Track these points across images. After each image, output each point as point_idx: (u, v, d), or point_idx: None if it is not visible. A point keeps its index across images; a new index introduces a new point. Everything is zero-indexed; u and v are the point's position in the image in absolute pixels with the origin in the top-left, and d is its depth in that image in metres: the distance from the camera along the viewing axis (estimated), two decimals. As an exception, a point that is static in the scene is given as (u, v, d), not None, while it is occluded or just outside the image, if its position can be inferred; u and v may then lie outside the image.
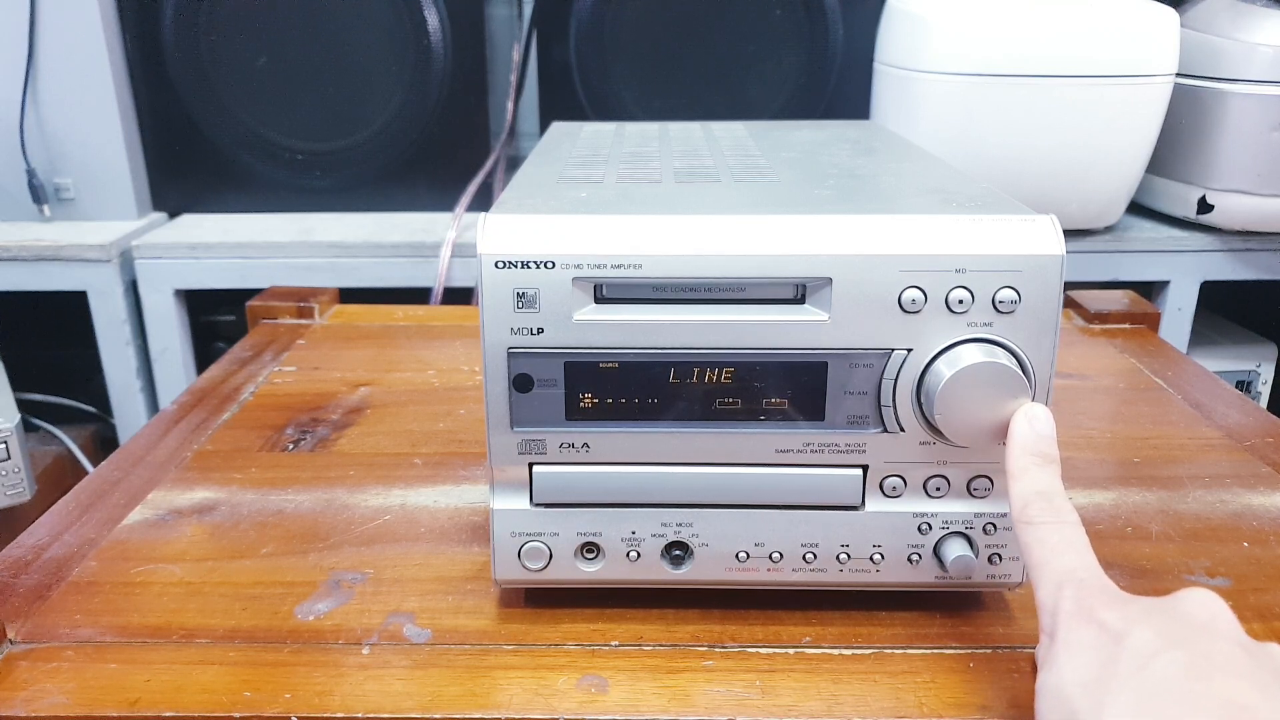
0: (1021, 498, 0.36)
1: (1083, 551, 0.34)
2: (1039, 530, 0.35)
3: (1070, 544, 0.34)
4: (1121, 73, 0.99)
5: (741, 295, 0.39)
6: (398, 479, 0.56)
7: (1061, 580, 0.33)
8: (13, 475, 0.81)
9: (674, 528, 0.42)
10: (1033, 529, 0.35)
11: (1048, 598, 0.33)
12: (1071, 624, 0.32)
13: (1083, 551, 0.34)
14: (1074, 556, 0.34)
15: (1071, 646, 0.31)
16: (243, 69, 1.11)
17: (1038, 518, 0.35)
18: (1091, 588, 0.32)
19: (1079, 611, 0.32)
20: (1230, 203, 1.06)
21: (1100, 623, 0.31)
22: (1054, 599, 0.33)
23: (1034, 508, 0.36)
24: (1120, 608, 0.31)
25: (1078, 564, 0.34)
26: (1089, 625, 0.31)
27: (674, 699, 0.39)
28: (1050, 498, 0.36)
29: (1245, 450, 0.60)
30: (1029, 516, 0.36)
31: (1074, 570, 0.33)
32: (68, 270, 1.05)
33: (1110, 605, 0.31)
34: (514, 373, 0.39)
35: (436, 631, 0.43)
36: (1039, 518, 0.35)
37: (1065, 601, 0.32)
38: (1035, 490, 0.36)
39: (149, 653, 0.41)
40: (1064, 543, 0.34)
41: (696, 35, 1.12)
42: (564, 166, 0.51)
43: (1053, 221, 0.38)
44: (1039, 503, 0.36)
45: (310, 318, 0.81)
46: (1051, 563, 0.34)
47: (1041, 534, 0.35)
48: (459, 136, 1.15)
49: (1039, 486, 0.36)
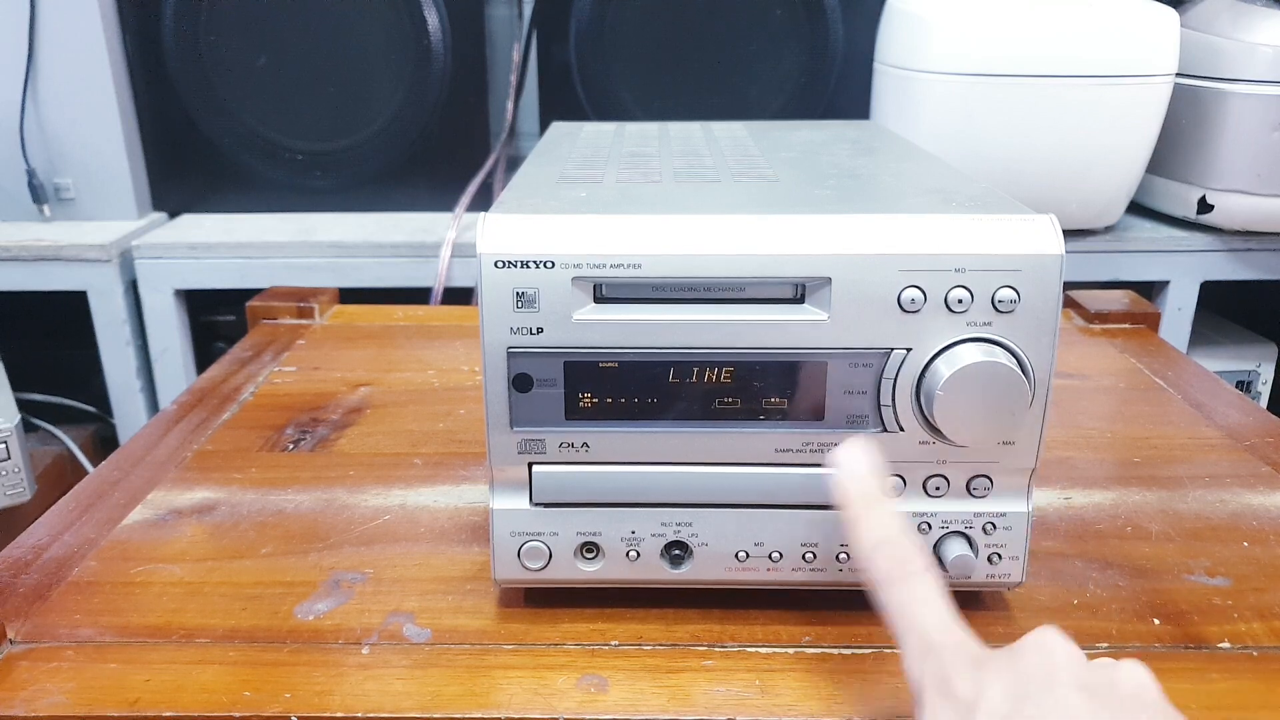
0: (865, 553, 0.36)
1: (936, 607, 0.34)
2: (891, 591, 0.35)
3: (922, 601, 0.34)
4: (1121, 73, 0.99)
5: (741, 295, 0.39)
6: (398, 479, 0.56)
7: (923, 652, 0.33)
8: (13, 475, 0.81)
9: (673, 527, 0.42)
10: (886, 590, 0.35)
11: (913, 670, 0.33)
12: (931, 699, 0.32)
13: (936, 607, 0.34)
14: (929, 616, 0.34)
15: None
16: (243, 69, 1.11)
17: (887, 575, 0.35)
18: (948, 655, 0.33)
19: (937, 685, 0.32)
20: (1230, 203, 1.06)
21: (955, 696, 0.31)
22: (918, 672, 0.33)
23: (879, 562, 0.35)
24: (972, 673, 0.32)
25: (933, 625, 0.34)
26: (945, 699, 0.31)
27: (674, 699, 0.39)
28: (892, 547, 0.35)
29: (1245, 450, 0.60)
30: (878, 575, 0.35)
31: (929, 636, 0.33)
32: (68, 270, 1.05)
33: (963, 674, 0.32)
34: (514, 372, 0.39)
35: (436, 631, 0.43)
36: (889, 575, 0.35)
37: (927, 676, 0.33)
38: (873, 542, 0.36)
39: (149, 653, 0.41)
40: (915, 602, 0.34)
41: (696, 35, 1.12)
42: (564, 166, 0.51)
43: (1052, 221, 0.38)
44: (881, 555, 0.35)
45: (310, 318, 0.81)
46: (911, 629, 0.34)
47: (895, 595, 0.35)
48: (459, 136, 1.15)
49: (877, 535, 0.36)
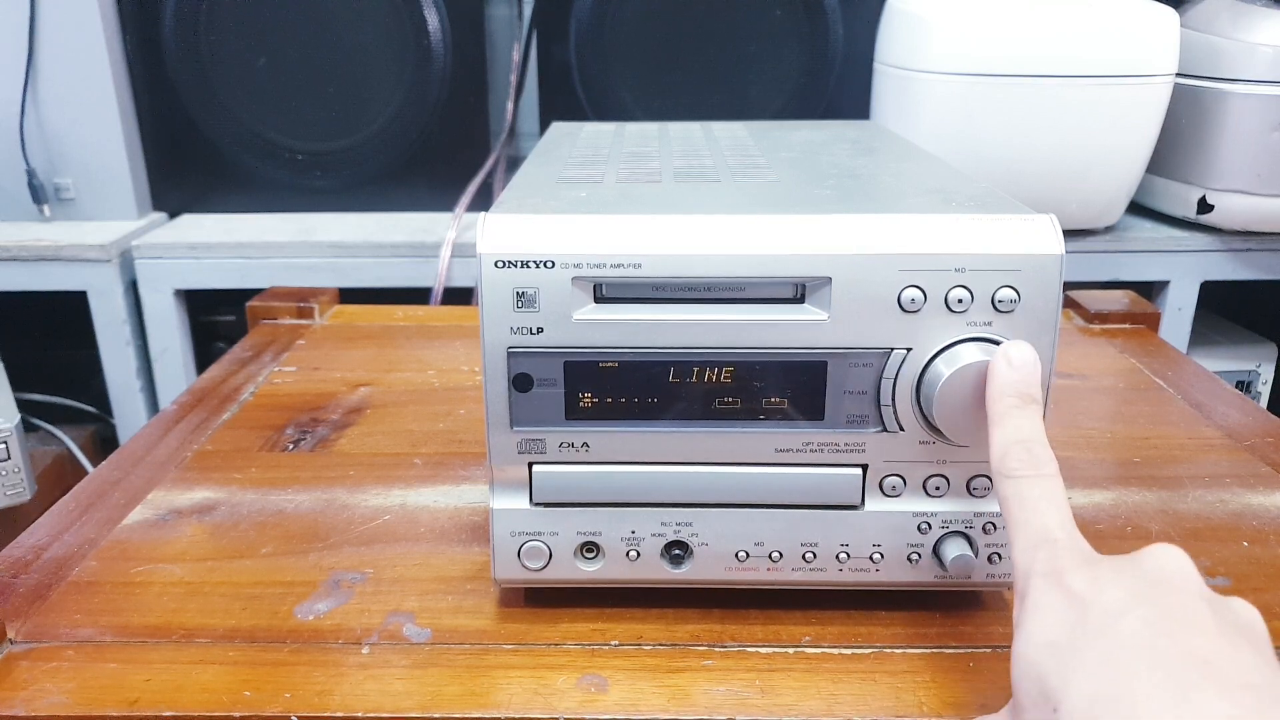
0: (1001, 445, 0.35)
1: (1060, 507, 0.34)
2: (1018, 484, 0.34)
3: (1048, 499, 0.34)
4: (1121, 73, 0.99)
5: (741, 295, 0.39)
6: (398, 479, 0.56)
7: (1037, 542, 0.33)
8: (13, 475, 0.81)
9: (674, 527, 0.42)
10: (1012, 482, 0.34)
11: (1022, 558, 0.33)
12: (1041, 587, 0.31)
13: (1060, 507, 0.34)
14: (1051, 514, 0.33)
15: (1039, 609, 0.31)
16: (243, 69, 1.11)
17: (1017, 470, 0.34)
18: (1063, 549, 0.32)
19: (1049, 574, 0.31)
20: (1230, 203, 1.06)
21: (1068, 588, 0.31)
22: (1028, 561, 0.32)
23: (1013, 458, 0.35)
24: (1088, 570, 0.31)
25: (1053, 523, 0.33)
26: (1057, 589, 0.31)
27: (674, 698, 0.39)
28: (1030, 446, 0.35)
29: (1245, 450, 0.60)
30: (1008, 468, 0.35)
31: (1049, 530, 0.33)
32: (68, 270, 1.05)
33: (1079, 568, 0.31)
34: (514, 372, 0.39)
35: (436, 631, 0.43)
36: (1018, 470, 0.34)
37: (1038, 564, 0.32)
38: (1015, 438, 0.35)
39: (149, 653, 0.41)
40: (1042, 498, 0.34)
41: (696, 35, 1.12)
42: (564, 166, 0.51)
43: (1052, 221, 0.38)
44: (1018, 452, 0.35)
45: (310, 318, 0.81)
46: (1030, 521, 0.33)
47: (1020, 488, 0.34)
48: (459, 136, 1.15)
49: (1019, 434, 0.35)
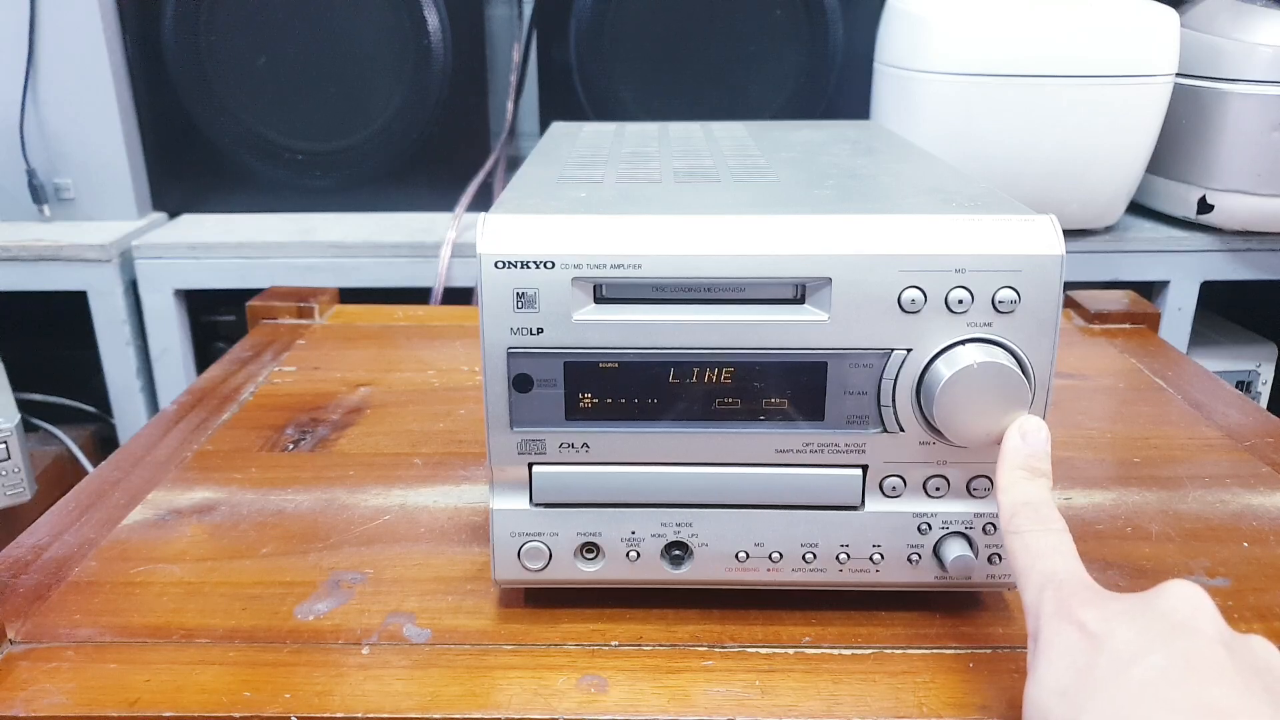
0: (1009, 508, 0.36)
1: (1067, 556, 0.34)
2: (1025, 537, 0.35)
3: (1055, 549, 0.34)
4: (1121, 73, 0.99)
5: (741, 295, 0.39)
6: (398, 479, 0.56)
7: (1043, 583, 0.33)
8: (13, 475, 0.81)
9: (674, 528, 0.42)
10: (1019, 537, 0.35)
11: (1032, 600, 0.33)
12: (1052, 625, 0.31)
13: (1067, 556, 0.34)
14: (1058, 560, 0.34)
15: (1051, 650, 0.31)
16: (243, 69, 1.11)
17: (1024, 526, 0.35)
18: (1072, 587, 0.32)
19: (1059, 612, 0.31)
20: (1230, 203, 1.06)
21: (1079, 623, 0.30)
22: (1037, 602, 0.33)
23: (1021, 517, 0.36)
24: (1100, 607, 0.31)
25: (1060, 566, 0.34)
26: (1068, 625, 0.31)
27: (674, 699, 0.39)
28: (1037, 508, 0.36)
29: (1245, 450, 0.60)
30: (1016, 526, 0.35)
31: (1056, 572, 0.33)
32: (68, 270, 1.05)
33: (1089, 604, 0.31)
34: (514, 373, 0.39)
35: (436, 631, 0.43)
36: (1025, 526, 0.35)
37: (1046, 604, 0.32)
38: (1023, 501, 0.36)
39: (149, 653, 0.41)
40: (1049, 548, 0.34)
41: (696, 35, 1.12)
42: (564, 166, 0.51)
43: (1052, 221, 0.38)
44: (1026, 512, 0.36)
45: (310, 318, 0.81)
46: (1036, 566, 0.34)
47: (1027, 540, 0.35)
48: (459, 136, 1.15)
49: (1026, 498, 0.36)
